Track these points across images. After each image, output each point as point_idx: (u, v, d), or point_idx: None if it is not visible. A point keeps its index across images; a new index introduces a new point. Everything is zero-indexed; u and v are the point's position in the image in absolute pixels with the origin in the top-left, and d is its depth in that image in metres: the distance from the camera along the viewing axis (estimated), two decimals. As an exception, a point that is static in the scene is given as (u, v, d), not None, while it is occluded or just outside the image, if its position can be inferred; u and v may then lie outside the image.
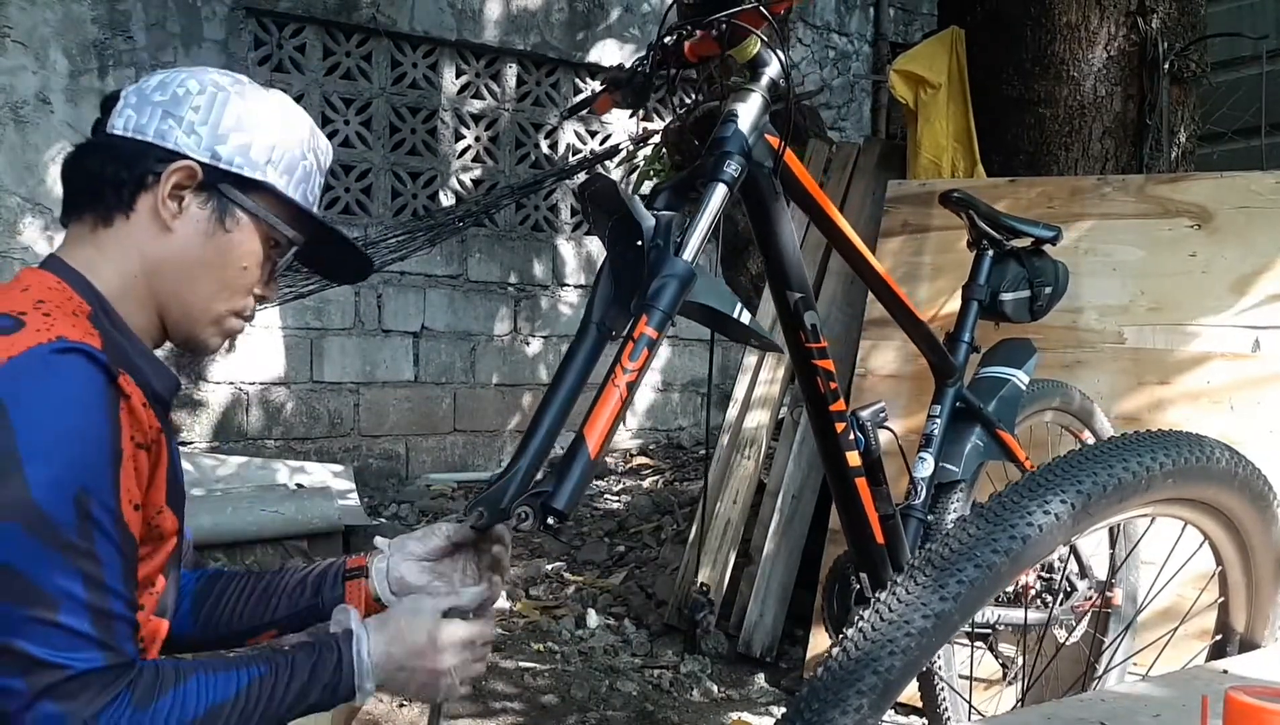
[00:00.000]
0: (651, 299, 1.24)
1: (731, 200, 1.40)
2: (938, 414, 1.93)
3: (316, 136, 1.23)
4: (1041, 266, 2.09)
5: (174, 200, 1.11)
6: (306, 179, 1.20)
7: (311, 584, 1.29)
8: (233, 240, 1.15)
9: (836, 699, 1.03)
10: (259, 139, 1.15)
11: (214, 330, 1.18)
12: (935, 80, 3.18)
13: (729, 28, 1.42)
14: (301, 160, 1.19)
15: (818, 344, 1.60)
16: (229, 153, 1.13)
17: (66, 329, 0.99)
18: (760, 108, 1.45)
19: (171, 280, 1.13)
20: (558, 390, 1.25)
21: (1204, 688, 1.21)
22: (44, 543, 0.93)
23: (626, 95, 1.55)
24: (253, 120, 1.15)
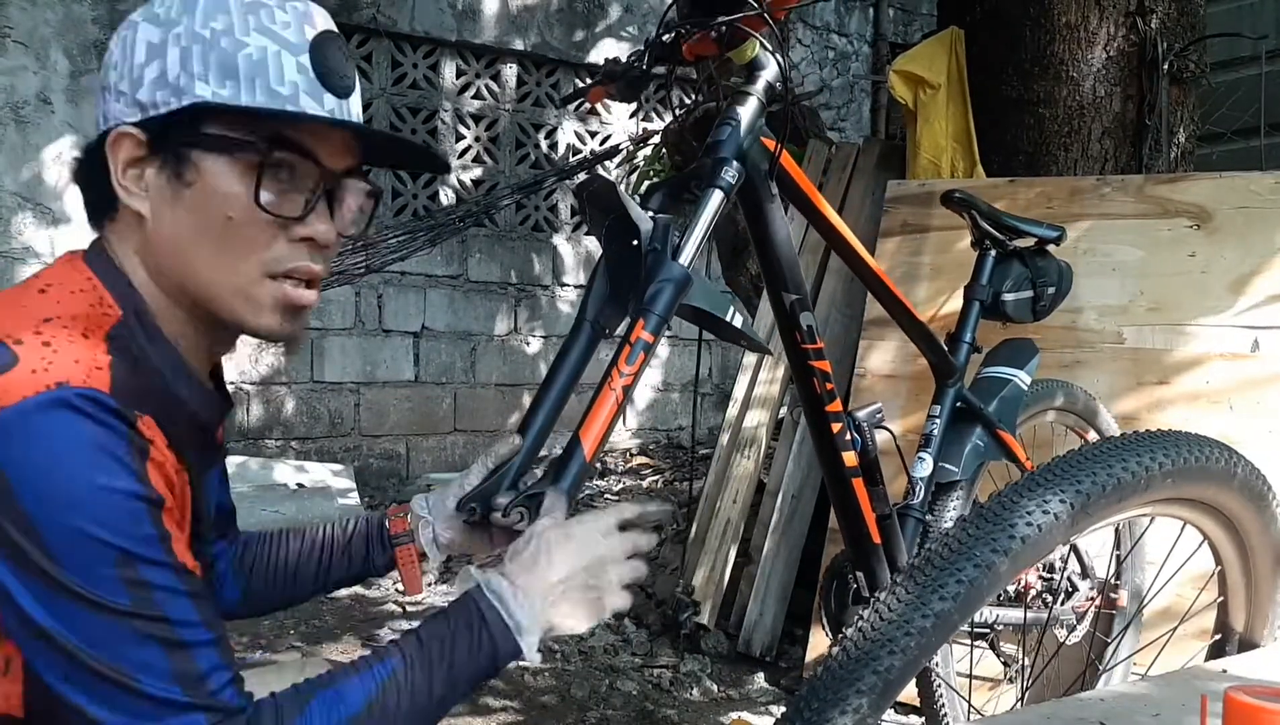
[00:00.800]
0: (648, 303, 1.25)
1: (729, 205, 1.41)
2: (937, 414, 1.93)
3: (259, 10, 0.94)
4: (1045, 266, 2.08)
5: (131, 180, 0.94)
6: (259, 69, 0.92)
7: (357, 549, 1.25)
8: (199, 193, 0.93)
9: (836, 698, 1.03)
10: (170, 56, 0.92)
11: (251, 306, 0.96)
12: (935, 81, 3.18)
13: (729, 29, 1.42)
14: (239, 50, 0.92)
15: (814, 345, 1.61)
16: (148, 94, 0.92)
17: (67, 366, 0.84)
18: (756, 111, 1.46)
19: (171, 270, 0.95)
20: (551, 388, 1.25)
21: (1203, 687, 1.21)
22: (101, 617, 0.82)
23: (621, 88, 1.55)
24: (162, 39, 0.93)
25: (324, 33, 0.97)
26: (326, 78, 0.95)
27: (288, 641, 2.95)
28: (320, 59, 0.95)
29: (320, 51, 0.96)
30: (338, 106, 0.97)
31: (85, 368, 0.85)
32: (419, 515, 1.24)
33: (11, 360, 0.84)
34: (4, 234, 4.26)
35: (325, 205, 0.97)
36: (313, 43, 0.95)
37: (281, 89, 0.93)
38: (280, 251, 0.95)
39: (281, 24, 0.94)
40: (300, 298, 0.97)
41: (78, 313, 0.91)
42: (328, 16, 1.00)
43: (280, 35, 0.93)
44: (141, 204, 0.94)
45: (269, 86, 0.92)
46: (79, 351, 0.86)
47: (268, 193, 0.93)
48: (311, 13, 0.98)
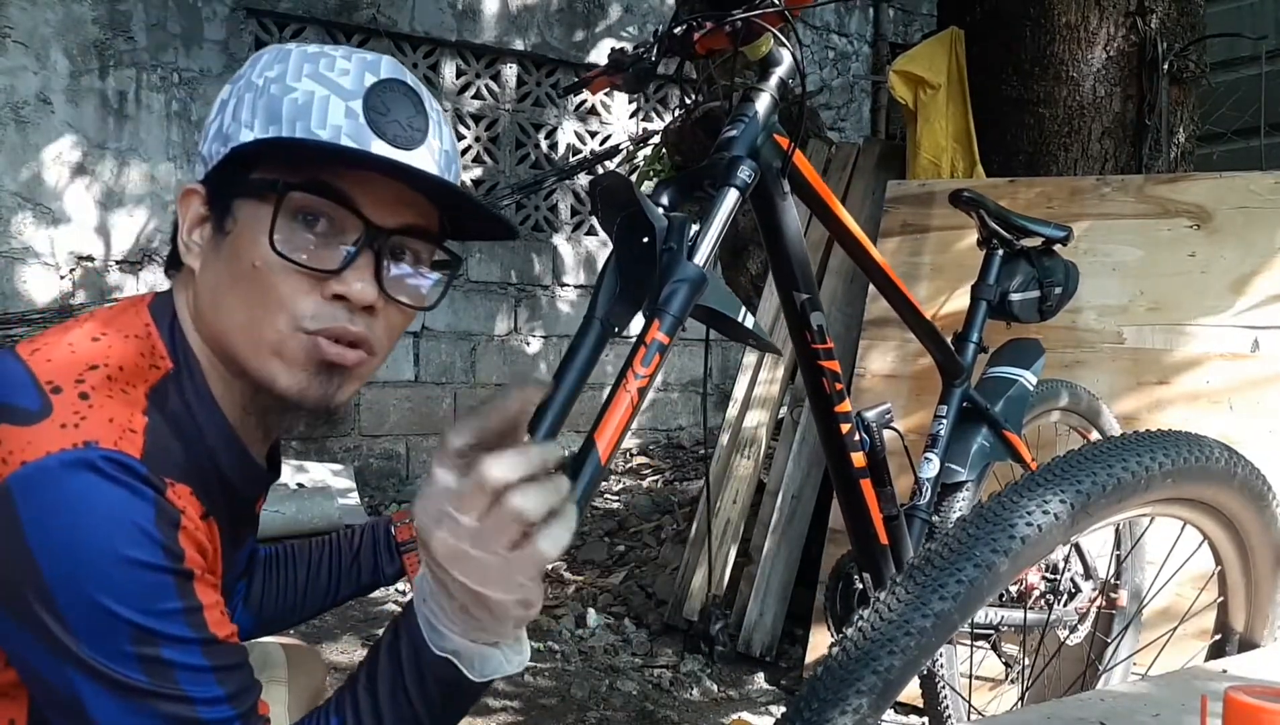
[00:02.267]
0: (664, 304, 1.22)
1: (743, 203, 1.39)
2: (944, 414, 1.92)
3: (319, 59, 0.90)
4: (1051, 266, 2.07)
5: (195, 238, 0.92)
6: (301, 112, 0.87)
7: (366, 560, 1.24)
8: (234, 240, 0.89)
9: (836, 698, 1.03)
10: (228, 109, 0.90)
11: (279, 362, 0.88)
12: (935, 81, 3.18)
13: (744, 24, 1.41)
14: (286, 95, 0.87)
15: (824, 345, 1.59)
16: (208, 148, 0.92)
17: (100, 425, 0.80)
18: (770, 107, 1.44)
19: (210, 324, 0.90)
20: (559, 387, 1.23)
21: (1203, 687, 1.21)
22: (118, 695, 0.78)
23: (628, 79, 1.52)
24: (228, 94, 0.91)
25: (388, 80, 0.90)
26: (379, 123, 0.88)
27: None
28: (376, 104, 0.88)
29: (377, 96, 0.89)
30: (390, 155, 0.88)
31: (118, 428, 0.81)
32: None
33: (45, 410, 0.80)
34: (4, 234, 4.26)
35: (371, 263, 0.89)
36: (370, 88, 0.89)
37: (321, 131, 0.86)
38: (311, 307, 0.87)
39: (339, 71, 0.89)
40: (334, 354, 0.89)
41: (125, 363, 0.86)
42: (404, 72, 0.93)
43: (333, 81, 0.88)
44: (195, 260, 0.91)
45: (308, 128, 0.86)
46: (115, 409, 0.82)
47: (292, 241, 0.86)
48: (381, 65, 0.92)
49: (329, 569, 1.26)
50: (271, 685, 1.25)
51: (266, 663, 1.28)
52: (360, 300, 0.88)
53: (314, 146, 0.86)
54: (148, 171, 4.53)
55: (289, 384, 0.89)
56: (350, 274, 0.88)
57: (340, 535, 1.28)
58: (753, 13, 1.38)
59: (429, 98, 0.94)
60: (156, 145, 4.54)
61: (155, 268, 4.57)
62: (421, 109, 0.92)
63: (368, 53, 0.93)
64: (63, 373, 0.83)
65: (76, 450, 0.78)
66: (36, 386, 0.82)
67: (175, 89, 4.56)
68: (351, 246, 0.87)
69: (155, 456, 0.81)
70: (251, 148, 0.87)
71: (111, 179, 4.46)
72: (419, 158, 0.90)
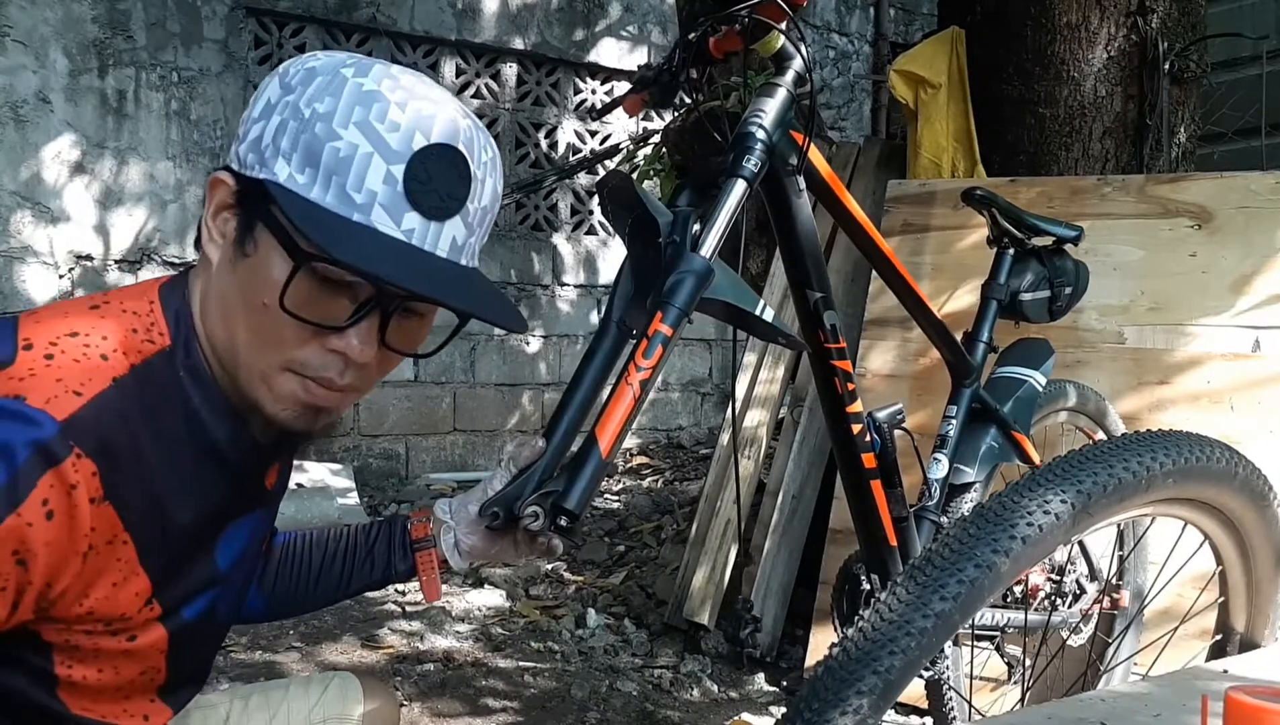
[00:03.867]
0: (667, 296, 1.21)
1: (751, 195, 1.37)
2: (953, 414, 1.90)
3: (372, 103, 0.85)
4: (1062, 266, 2.05)
5: (218, 224, 0.90)
6: (341, 166, 0.84)
7: (380, 555, 1.23)
8: (251, 267, 0.87)
9: (836, 699, 1.02)
10: (271, 123, 0.87)
11: (267, 392, 0.90)
12: (935, 80, 3.18)
13: (752, 22, 1.41)
14: (330, 140, 0.84)
15: (837, 344, 1.58)
16: (244, 151, 0.89)
17: (44, 383, 0.81)
18: (785, 102, 1.43)
19: (214, 326, 0.91)
20: (576, 390, 1.21)
21: (1204, 687, 1.21)
22: None
23: (656, 95, 1.53)
24: (275, 101, 0.88)
25: (437, 146, 0.87)
26: (416, 193, 0.86)
27: (287, 642, 2.95)
28: (418, 172, 0.86)
29: (422, 164, 0.86)
30: (420, 228, 0.87)
31: (60, 388, 0.82)
32: (441, 520, 1.20)
33: (6, 362, 0.82)
34: (3, 233, 4.26)
35: (377, 321, 0.89)
36: (416, 153, 0.85)
37: (356, 195, 0.85)
38: (308, 355, 0.89)
39: (389, 125, 0.85)
40: (318, 398, 0.91)
41: (110, 334, 0.88)
42: (458, 127, 0.89)
43: (380, 136, 0.85)
44: (214, 252, 0.90)
45: (343, 188, 0.84)
46: (71, 372, 0.83)
47: (303, 293, 0.86)
48: (437, 120, 0.87)
49: (343, 560, 1.25)
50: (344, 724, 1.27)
51: (344, 696, 1.29)
52: (358, 360, 0.89)
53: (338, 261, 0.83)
54: (147, 170, 4.53)
55: (272, 411, 0.91)
56: (354, 332, 0.88)
57: (357, 528, 1.27)
58: (750, 4, 1.38)
59: (481, 146, 0.91)
60: (156, 144, 4.54)
61: (154, 267, 4.57)
62: (467, 174, 0.89)
63: (425, 99, 0.88)
64: (42, 333, 0.85)
65: (5, 399, 0.79)
66: (14, 341, 0.84)
67: (175, 88, 4.56)
68: (360, 305, 0.88)
69: (84, 425, 0.81)
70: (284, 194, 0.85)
71: (111, 178, 4.45)
72: (447, 230, 0.89)
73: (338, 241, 0.82)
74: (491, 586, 3.43)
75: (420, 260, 0.87)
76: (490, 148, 0.93)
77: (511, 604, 3.31)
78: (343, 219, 0.84)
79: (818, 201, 1.60)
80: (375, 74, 0.87)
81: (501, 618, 3.19)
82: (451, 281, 0.89)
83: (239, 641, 2.91)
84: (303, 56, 0.91)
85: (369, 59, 0.89)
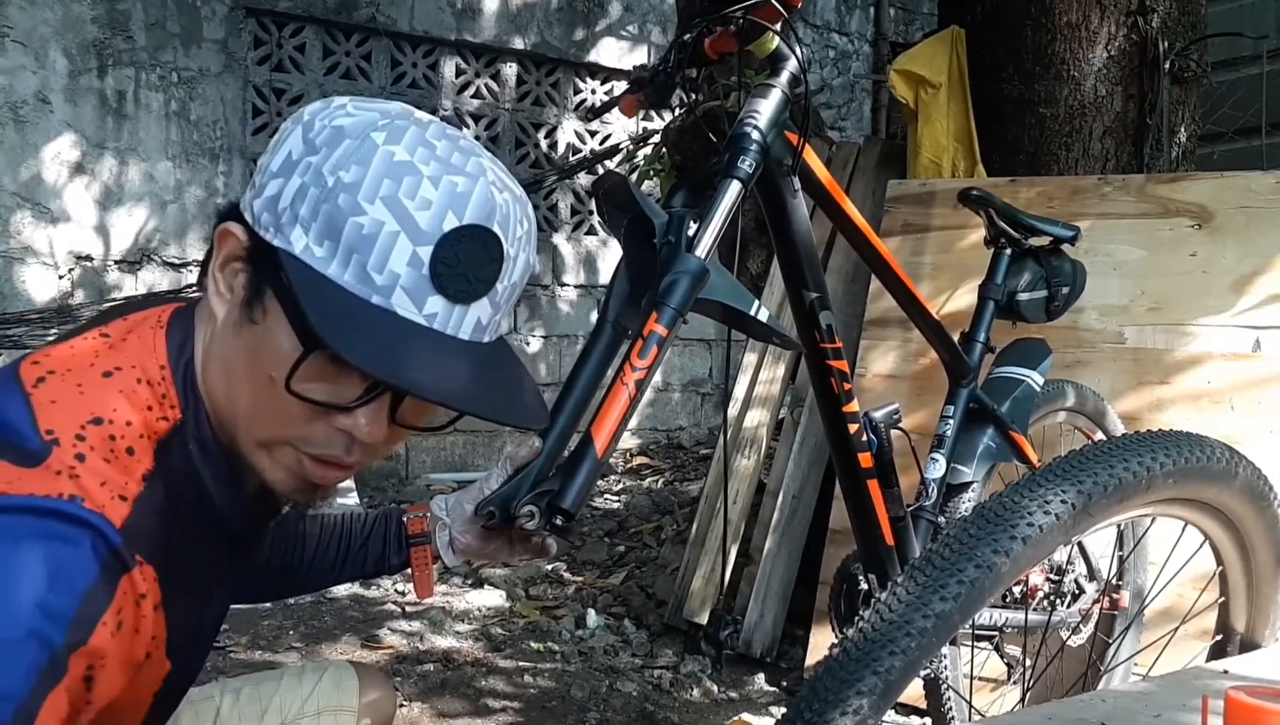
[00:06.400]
0: (662, 296, 1.22)
1: (746, 196, 1.38)
2: (951, 414, 1.91)
3: (403, 176, 0.78)
4: (1059, 266, 2.05)
5: (226, 275, 0.84)
6: (364, 244, 0.78)
7: (374, 546, 1.24)
8: (258, 336, 0.82)
9: (837, 699, 1.02)
10: (290, 184, 0.80)
11: (268, 461, 0.86)
12: (935, 80, 3.18)
13: (747, 23, 1.41)
14: (354, 215, 0.78)
15: (833, 344, 1.59)
16: (259, 208, 0.81)
17: (92, 485, 0.78)
18: (780, 103, 1.43)
19: (216, 383, 0.86)
20: (572, 390, 1.22)
21: (1204, 687, 1.21)
22: None
23: (651, 95, 1.54)
24: (297, 159, 0.81)
25: (469, 227, 0.80)
26: (443, 277, 0.79)
27: (287, 642, 2.95)
28: (446, 255, 0.79)
29: (452, 247, 0.79)
30: (444, 312, 0.81)
31: (108, 493, 0.79)
32: (437, 517, 1.21)
33: (38, 457, 0.77)
34: (3, 234, 4.26)
35: (388, 402, 0.84)
36: (446, 235, 0.79)
37: (377, 276, 0.78)
38: (313, 433, 0.84)
39: (420, 202, 0.78)
40: (320, 477, 0.87)
41: (130, 417, 0.83)
42: (499, 209, 0.82)
43: (409, 215, 0.78)
44: (220, 307, 0.85)
45: (364, 267, 0.78)
46: (109, 473, 0.79)
47: (312, 374, 0.80)
48: (472, 198, 0.80)
49: (337, 548, 1.25)
50: (341, 714, 1.26)
51: (339, 686, 1.29)
52: (366, 441, 0.84)
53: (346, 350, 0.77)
54: (146, 171, 4.53)
55: (271, 478, 0.87)
56: (363, 413, 0.83)
57: (353, 518, 1.27)
58: (745, 4, 1.38)
59: (518, 220, 0.84)
60: (155, 145, 4.54)
61: (154, 267, 4.57)
62: (499, 255, 0.83)
63: (460, 173, 0.81)
64: (64, 422, 0.80)
65: (59, 500, 0.76)
66: (36, 431, 0.79)
67: (174, 88, 4.56)
68: (371, 386, 0.82)
69: (135, 531, 0.79)
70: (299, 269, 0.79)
71: (110, 178, 4.45)
72: (473, 312, 0.83)
73: (351, 332, 0.76)
74: (491, 586, 3.43)
75: (439, 351, 0.80)
76: (527, 220, 0.86)
77: (511, 604, 3.31)
78: (360, 301, 0.78)
79: (814, 203, 1.60)
80: (409, 141, 0.80)
81: (501, 618, 3.19)
82: (471, 379, 0.82)
83: (239, 641, 2.91)
84: (331, 107, 0.83)
85: (403, 117, 0.82)
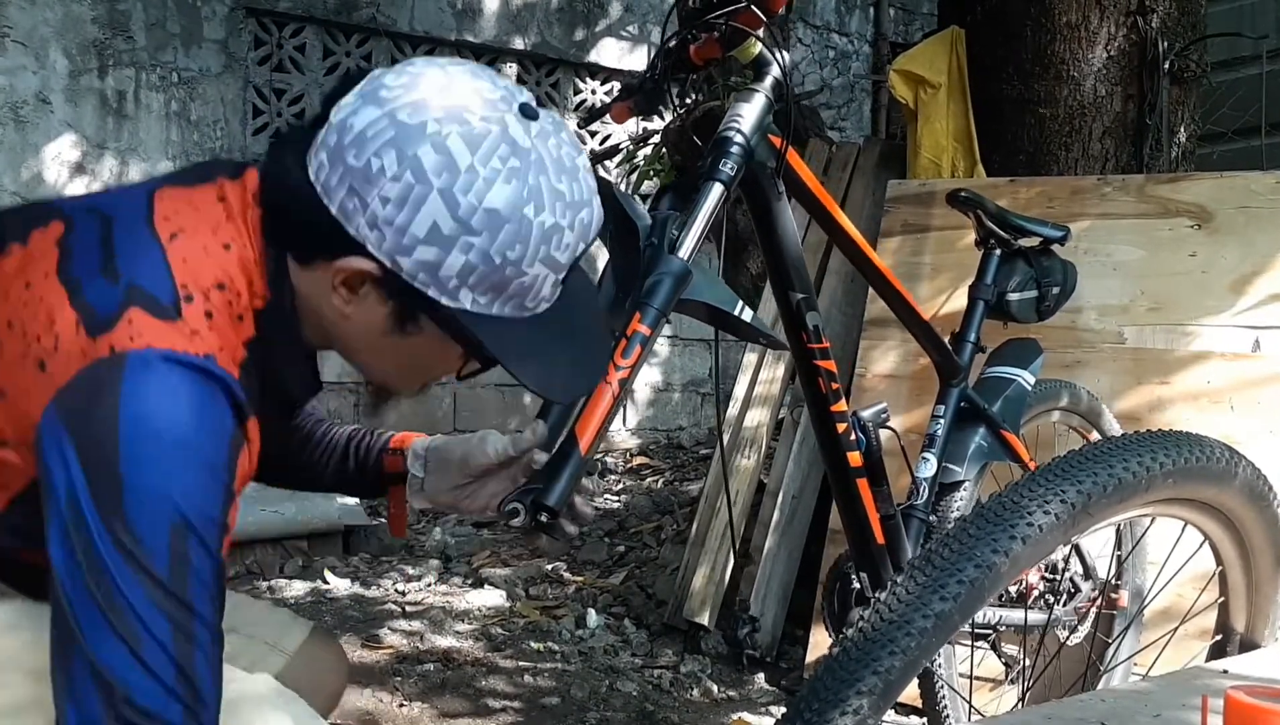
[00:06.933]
0: (645, 296, 1.25)
1: (730, 199, 1.41)
2: (941, 414, 1.93)
3: (553, 237, 0.92)
4: (1049, 266, 2.07)
5: (347, 288, 0.94)
6: (525, 291, 0.94)
7: (352, 473, 1.28)
8: (413, 343, 0.98)
9: (836, 699, 1.02)
10: (451, 259, 0.90)
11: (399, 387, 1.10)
12: (935, 80, 3.18)
13: (729, 29, 1.43)
14: (516, 277, 0.92)
15: (820, 344, 1.61)
16: (411, 266, 0.90)
17: (218, 345, 0.90)
18: (763, 108, 1.46)
19: (352, 349, 1.02)
20: None
21: (1204, 687, 1.21)
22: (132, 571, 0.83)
23: (640, 102, 1.56)
24: (453, 234, 0.89)
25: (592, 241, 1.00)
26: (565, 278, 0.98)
27: (287, 641, 2.94)
28: (571, 273, 0.98)
29: (576, 265, 0.99)
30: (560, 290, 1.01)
31: (230, 352, 0.91)
32: (418, 456, 1.24)
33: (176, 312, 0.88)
34: (4, 234, 4.26)
35: None
36: (574, 261, 0.97)
37: (530, 304, 0.96)
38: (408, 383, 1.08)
39: (565, 247, 0.94)
40: None
41: (243, 291, 0.94)
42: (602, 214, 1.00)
43: (556, 261, 0.94)
44: (345, 305, 0.95)
45: (521, 304, 0.95)
46: (227, 336, 0.91)
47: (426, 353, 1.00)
48: (594, 222, 0.98)
49: (320, 456, 1.28)
50: (271, 653, 1.25)
51: (283, 631, 1.29)
52: None
53: None
54: (147, 171, 4.52)
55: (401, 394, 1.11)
56: None
57: (344, 436, 1.29)
58: (725, 11, 1.40)
59: None
60: (156, 145, 4.54)
61: (155, 267, 4.57)
62: None
63: (585, 206, 0.96)
64: (195, 282, 0.91)
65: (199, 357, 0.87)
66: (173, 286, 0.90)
67: (175, 88, 4.56)
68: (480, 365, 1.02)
69: (245, 388, 0.91)
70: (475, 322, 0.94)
71: (111, 179, 4.45)
72: None
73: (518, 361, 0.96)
74: (491, 586, 3.43)
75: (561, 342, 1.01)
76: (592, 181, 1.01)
77: (511, 604, 3.31)
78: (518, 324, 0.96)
79: (801, 206, 1.62)
80: (549, 198, 0.92)
81: (501, 618, 3.19)
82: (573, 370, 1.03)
83: (239, 642, 2.90)
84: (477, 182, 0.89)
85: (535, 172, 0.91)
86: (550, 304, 0.98)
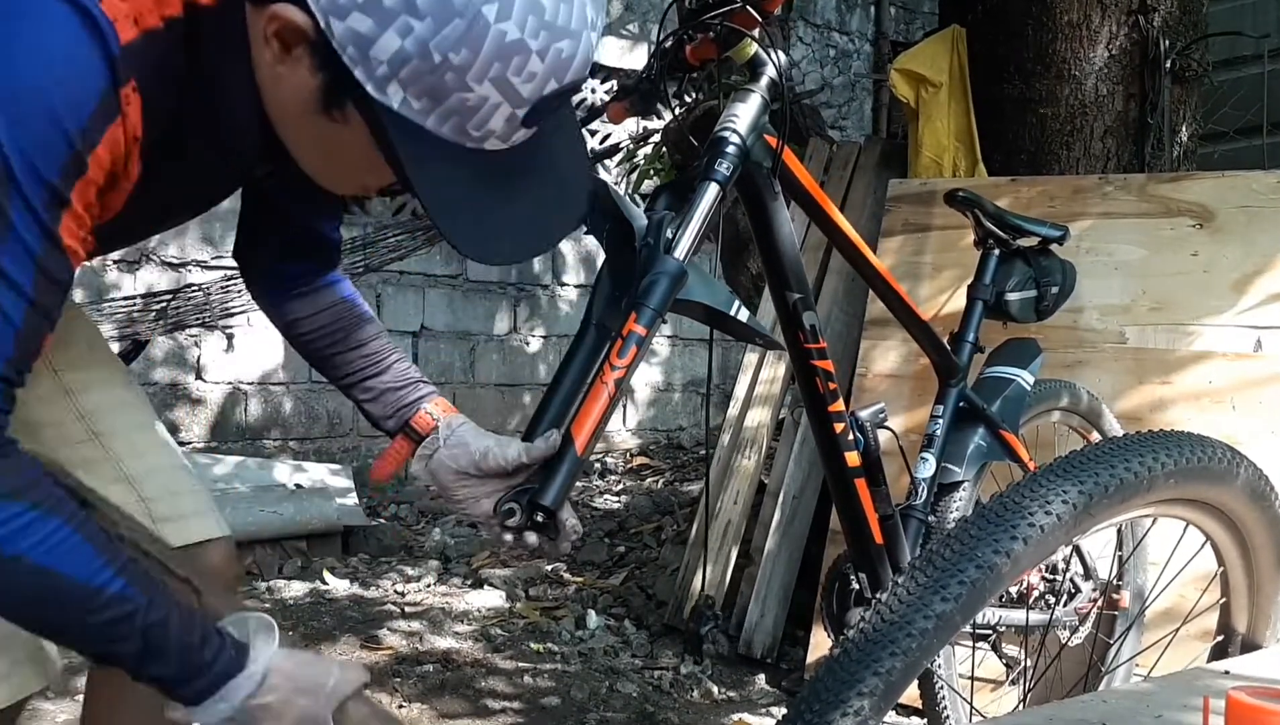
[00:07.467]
0: (641, 297, 1.26)
1: (727, 199, 1.41)
2: (940, 414, 1.93)
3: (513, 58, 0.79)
4: (1048, 266, 2.08)
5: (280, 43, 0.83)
6: (466, 112, 0.81)
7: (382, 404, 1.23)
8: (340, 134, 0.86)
9: (837, 700, 1.02)
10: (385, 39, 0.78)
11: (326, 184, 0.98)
12: (936, 79, 3.17)
13: (725, 29, 1.43)
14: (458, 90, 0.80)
15: (817, 344, 1.61)
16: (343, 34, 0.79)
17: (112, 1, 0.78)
18: (759, 108, 1.46)
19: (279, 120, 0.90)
20: (557, 390, 1.26)
21: (1205, 688, 1.20)
22: None
23: (636, 102, 1.57)
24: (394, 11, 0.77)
25: (569, 86, 0.86)
26: (530, 118, 0.85)
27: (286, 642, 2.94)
28: (540, 106, 0.85)
29: (545, 101, 0.85)
30: (523, 134, 0.87)
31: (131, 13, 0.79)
32: (444, 431, 1.20)
33: None
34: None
35: None
36: (542, 98, 0.84)
37: (475, 132, 0.84)
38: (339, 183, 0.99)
39: (525, 76, 0.81)
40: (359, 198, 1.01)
41: None
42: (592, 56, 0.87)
43: (514, 90, 0.82)
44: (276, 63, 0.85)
45: (463, 128, 0.83)
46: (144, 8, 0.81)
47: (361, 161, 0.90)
48: (576, 60, 0.84)
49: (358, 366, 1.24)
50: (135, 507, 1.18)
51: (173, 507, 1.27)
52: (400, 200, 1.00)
53: None
54: (147, 171, 4.52)
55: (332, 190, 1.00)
56: None
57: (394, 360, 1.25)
58: (721, 11, 1.40)
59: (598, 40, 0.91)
60: (156, 144, 4.53)
61: (153, 267, 4.57)
62: (580, 86, 0.90)
63: (566, 36, 0.82)
64: None
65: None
66: None
67: (175, 88, 4.56)
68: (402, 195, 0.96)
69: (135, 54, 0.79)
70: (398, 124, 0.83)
71: (111, 178, 4.45)
72: None
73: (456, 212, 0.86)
74: (491, 587, 3.42)
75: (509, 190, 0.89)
76: (600, 19, 0.88)
77: (511, 604, 3.30)
78: (452, 146, 0.84)
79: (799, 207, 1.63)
80: (519, 11, 0.78)
81: (501, 618, 3.18)
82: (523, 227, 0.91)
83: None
84: None
85: None
86: (505, 146, 0.85)
